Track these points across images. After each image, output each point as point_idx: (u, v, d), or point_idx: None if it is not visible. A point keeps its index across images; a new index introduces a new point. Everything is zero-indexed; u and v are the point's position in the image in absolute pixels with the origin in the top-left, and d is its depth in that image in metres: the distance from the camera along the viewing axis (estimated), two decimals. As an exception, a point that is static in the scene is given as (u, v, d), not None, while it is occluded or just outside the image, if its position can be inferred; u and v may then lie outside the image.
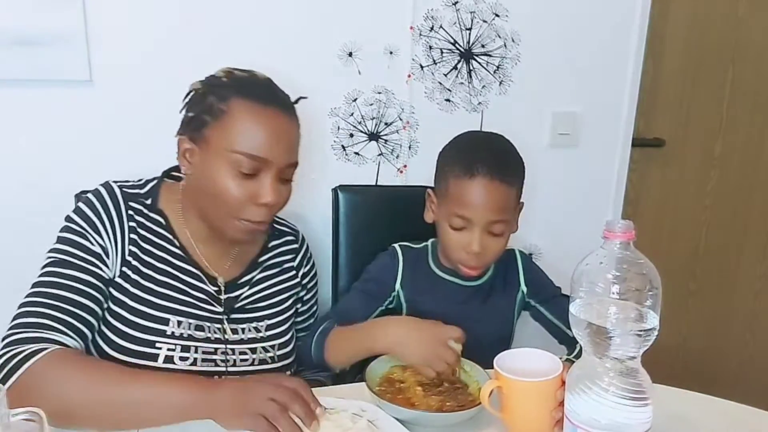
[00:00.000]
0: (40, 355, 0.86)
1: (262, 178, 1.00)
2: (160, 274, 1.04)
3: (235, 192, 0.99)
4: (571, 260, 0.79)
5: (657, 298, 0.72)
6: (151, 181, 1.11)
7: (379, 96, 1.55)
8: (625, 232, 0.72)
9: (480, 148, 1.18)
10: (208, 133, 1.01)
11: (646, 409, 0.73)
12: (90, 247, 1.00)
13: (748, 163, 2.10)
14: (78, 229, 1.01)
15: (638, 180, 1.99)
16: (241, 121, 0.99)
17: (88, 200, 1.03)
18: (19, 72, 1.28)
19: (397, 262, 1.26)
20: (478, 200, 1.11)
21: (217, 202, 1.01)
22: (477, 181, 1.11)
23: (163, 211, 1.08)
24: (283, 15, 1.43)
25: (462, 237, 1.14)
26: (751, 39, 1.98)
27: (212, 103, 1.01)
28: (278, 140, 1.00)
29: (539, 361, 0.89)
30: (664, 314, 0.72)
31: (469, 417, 0.90)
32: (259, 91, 1.02)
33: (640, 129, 1.89)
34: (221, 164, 0.99)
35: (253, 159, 0.98)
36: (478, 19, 1.58)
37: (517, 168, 1.18)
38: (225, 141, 0.99)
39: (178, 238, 1.08)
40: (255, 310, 1.13)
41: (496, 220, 1.13)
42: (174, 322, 1.02)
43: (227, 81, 1.03)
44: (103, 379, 0.86)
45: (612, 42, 1.72)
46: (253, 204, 1.01)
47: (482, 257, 1.15)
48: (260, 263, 1.16)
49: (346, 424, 0.85)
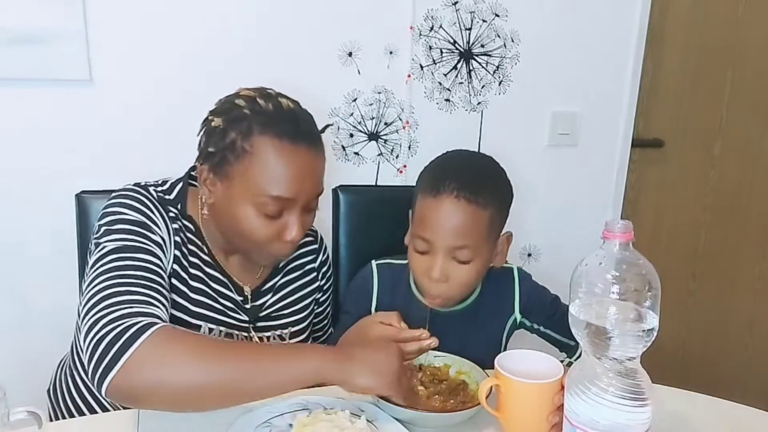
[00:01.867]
0: (155, 328, 0.79)
1: (286, 215, 0.98)
2: (194, 280, 1.03)
3: (261, 231, 0.97)
4: (570, 260, 0.79)
5: (656, 298, 0.72)
6: (176, 184, 1.05)
7: (379, 96, 1.55)
8: (624, 233, 0.72)
9: (452, 165, 1.08)
10: (231, 172, 0.96)
11: (646, 410, 0.73)
12: (152, 236, 0.95)
13: (747, 164, 2.10)
14: (135, 219, 0.95)
15: (637, 180, 1.99)
16: (266, 162, 0.94)
17: (133, 197, 0.98)
18: (18, 71, 1.28)
19: (371, 284, 1.17)
20: (440, 221, 1.01)
21: (242, 238, 0.99)
22: (440, 200, 1.00)
23: (192, 218, 1.05)
24: (282, 15, 1.43)
25: (424, 261, 1.04)
26: (750, 39, 1.98)
27: (234, 140, 0.95)
28: (305, 178, 0.97)
29: (540, 364, 0.89)
30: (664, 314, 0.72)
31: (468, 417, 0.90)
32: (285, 128, 0.95)
33: (639, 129, 1.89)
34: (245, 205, 0.96)
35: (279, 201, 0.95)
36: (478, 19, 1.58)
37: (494, 190, 1.05)
38: (250, 183, 0.94)
39: (206, 245, 1.06)
40: (279, 317, 1.13)
41: (460, 246, 1.00)
42: (205, 329, 1.02)
43: (249, 114, 0.95)
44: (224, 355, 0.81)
45: (612, 42, 1.72)
46: (279, 241, 0.99)
47: (445, 287, 1.03)
48: (282, 268, 1.15)
49: (345, 423, 0.85)
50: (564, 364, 0.87)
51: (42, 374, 1.24)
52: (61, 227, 1.30)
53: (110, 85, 1.35)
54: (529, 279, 1.20)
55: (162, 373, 0.77)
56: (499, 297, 1.15)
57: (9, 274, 1.38)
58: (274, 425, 0.86)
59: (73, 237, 1.25)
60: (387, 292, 1.17)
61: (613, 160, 1.82)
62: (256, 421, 0.87)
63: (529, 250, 1.78)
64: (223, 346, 0.85)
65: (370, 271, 1.19)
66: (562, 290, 1.31)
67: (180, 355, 0.78)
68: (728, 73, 2.01)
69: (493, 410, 0.88)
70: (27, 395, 0.97)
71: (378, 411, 0.90)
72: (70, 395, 1.12)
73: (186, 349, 0.79)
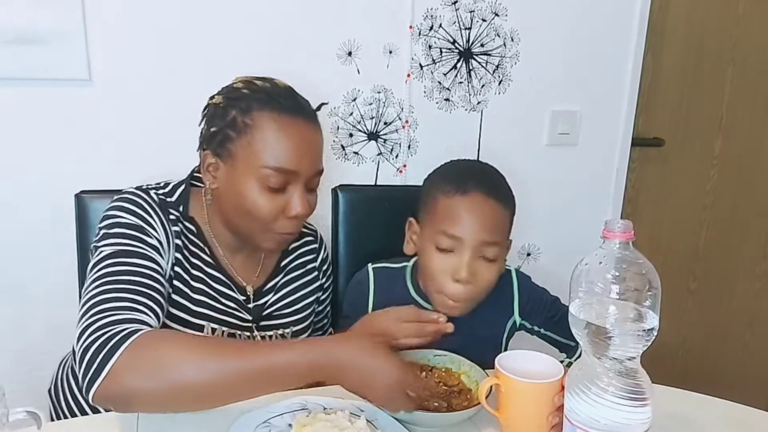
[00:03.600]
0: (138, 335, 0.79)
1: (290, 190, 0.99)
2: (196, 280, 1.03)
3: (266, 207, 0.98)
4: (570, 260, 0.79)
5: (656, 298, 0.72)
6: (178, 186, 1.06)
7: (379, 95, 1.55)
8: (624, 232, 0.72)
9: (473, 169, 1.11)
10: (234, 149, 0.98)
11: (646, 410, 0.73)
12: (148, 240, 0.96)
13: (747, 162, 2.10)
14: (132, 223, 0.96)
15: (637, 179, 1.99)
16: (267, 135, 0.96)
17: (132, 200, 0.99)
18: (17, 71, 1.28)
19: (367, 287, 1.17)
20: (472, 216, 1.01)
21: (248, 217, 1.00)
22: (471, 197, 1.02)
23: (194, 219, 1.06)
24: (282, 14, 1.43)
25: (449, 261, 1.02)
26: (750, 38, 1.98)
27: (235, 117, 0.98)
28: (306, 151, 0.99)
29: (540, 364, 0.89)
30: (664, 314, 0.72)
31: (467, 417, 0.90)
32: (282, 102, 0.99)
33: (639, 128, 1.89)
34: (249, 179, 0.97)
35: (281, 173, 0.97)
36: (478, 19, 1.58)
37: (510, 195, 1.08)
38: (252, 156, 0.97)
39: (209, 246, 1.07)
40: (281, 317, 1.13)
41: (491, 242, 1.02)
42: (208, 329, 1.03)
43: (248, 93, 1.00)
44: (219, 350, 0.81)
45: (611, 41, 1.72)
46: (284, 217, 1.00)
47: (471, 287, 1.03)
48: (283, 267, 1.16)
49: (345, 423, 0.85)
50: (564, 365, 0.87)
51: (42, 374, 1.24)
52: (61, 227, 1.30)
53: (110, 85, 1.35)
54: (528, 281, 1.19)
55: (143, 379, 0.78)
56: (497, 299, 1.14)
57: (9, 274, 1.38)
58: (273, 425, 0.86)
59: (73, 237, 1.25)
60: (383, 296, 1.16)
61: (613, 159, 1.82)
62: (256, 421, 0.87)
63: (528, 250, 1.78)
64: (212, 344, 0.84)
65: (366, 274, 1.19)
66: (562, 290, 1.31)
67: (162, 358, 0.79)
68: (729, 72, 2.00)
69: (493, 410, 0.88)
70: (27, 395, 0.97)
71: (378, 411, 0.90)
72: (72, 394, 1.12)
73: (168, 353, 0.79)
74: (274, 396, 0.88)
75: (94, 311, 0.84)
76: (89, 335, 0.81)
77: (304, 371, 0.82)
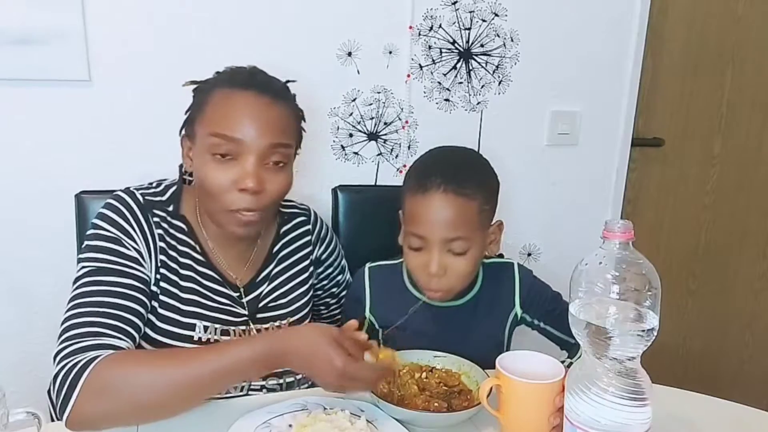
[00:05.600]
0: (96, 362, 0.84)
1: (242, 162, 0.97)
2: (185, 280, 1.04)
3: (216, 178, 0.97)
4: (570, 260, 0.79)
5: (656, 298, 0.72)
6: (170, 186, 1.08)
7: (378, 96, 1.55)
8: (624, 232, 0.72)
9: (436, 161, 1.11)
10: (196, 127, 1.02)
11: (646, 410, 0.73)
12: (126, 252, 0.98)
13: (747, 162, 2.10)
14: (110, 235, 0.98)
15: (637, 179, 1.99)
16: (217, 107, 1.00)
17: (114, 207, 1.01)
18: (17, 71, 1.28)
19: (362, 287, 1.19)
20: (431, 216, 1.03)
21: (208, 196, 1.00)
22: (429, 196, 1.03)
23: (185, 217, 1.06)
24: (282, 14, 1.43)
25: (420, 258, 1.06)
26: (750, 38, 1.98)
27: (199, 100, 1.03)
28: (252, 120, 0.98)
29: (541, 365, 0.89)
30: (664, 314, 0.72)
31: (468, 417, 0.90)
32: (238, 78, 1.03)
33: (639, 128, 1.89)
34: (203, 151, 0.99)
35: (226, 139, 0.96)
36: (477, 19, 1.58)
37: (479, 180, 1.07)
38: (203, 128, 1.00)
39: (200, 244, 1.07)
40: (278, 308, 1.13)
41: (453, 238, 1.03)
42: (200, 328, 1.03)
43: (213, 78, 1.06)
44: (168, 363, 0.86)
45: (611, 41, 1.72)
46: (236, 190, 0.98)
47: (444, 279, 1.05)
48: (275, 254, 1.15)
49: (345, 423, 0.85)
50: (564, 365, 0.87)
51: (42, 374, 1.24)
52: (61, 227, 1.30)
53: (109, 85, 1.35)
54: (530, 274, 1.20)
55: (104, 403, 0.82)
56: (499, 292, 1.16)
57: (9, 274, 1.38)
58: (273, 426, 0.86)
59: (73, 237, 1.25)
60: (380, 292, 1.18)
61: (613, 159, 1.82)
62: (256, 421, 0.87)
63: (528, 250, 1.78)
64: (162, 358, 0.89)
65: (361, 274, 1.21)
66: (562, 290, 1.31)
67: (116, 381, 0.83)
68: (728, 72, 2.00)
69: (494, 410, 0.88)
70: (27, 396, 0.97)
71: (378, 411, 0.90)
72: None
73: (121, 374, 0.84)
74: (274, 396, 0.88)
75: (66, 336, 0.90)
76: (59, 362, 0.87)
77: (253, 364, 0.86)
